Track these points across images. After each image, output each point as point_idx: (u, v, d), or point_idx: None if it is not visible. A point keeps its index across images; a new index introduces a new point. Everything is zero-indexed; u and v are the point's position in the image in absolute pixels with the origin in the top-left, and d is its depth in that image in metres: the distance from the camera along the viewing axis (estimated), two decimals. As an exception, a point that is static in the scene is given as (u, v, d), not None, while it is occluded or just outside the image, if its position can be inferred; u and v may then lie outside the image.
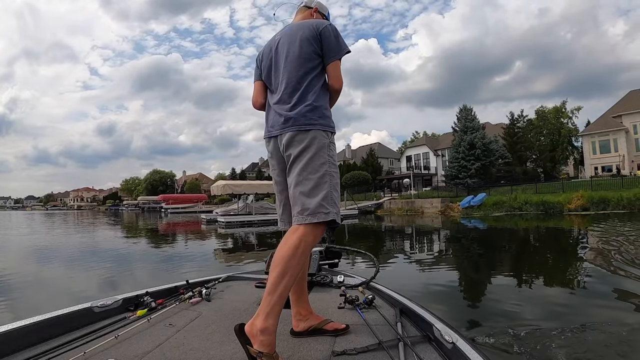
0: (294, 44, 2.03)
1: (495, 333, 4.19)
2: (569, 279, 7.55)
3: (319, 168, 1.86)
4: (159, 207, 67.82)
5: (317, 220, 1.79)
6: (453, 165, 45.88)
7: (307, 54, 2.00)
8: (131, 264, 10.81)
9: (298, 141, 1.89)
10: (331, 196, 1.85)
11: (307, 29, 2.04)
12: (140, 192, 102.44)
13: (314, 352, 1.83)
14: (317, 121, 1.92)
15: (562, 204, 27.25)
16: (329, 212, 1.81)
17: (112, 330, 2.10)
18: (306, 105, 1.93)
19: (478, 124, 46.74)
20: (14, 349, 1.84)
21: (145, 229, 27.16)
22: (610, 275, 7.14)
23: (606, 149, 47.59)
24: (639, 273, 7.02)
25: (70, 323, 2.16)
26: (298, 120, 1.90)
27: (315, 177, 1.84)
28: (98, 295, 4.34)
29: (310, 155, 1.86)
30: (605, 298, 5.77)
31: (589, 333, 4.14)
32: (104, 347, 1.87)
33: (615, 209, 24.97)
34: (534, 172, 48.63)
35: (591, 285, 6.68)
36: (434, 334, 1.86)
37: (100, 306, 2.37)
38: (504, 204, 30.27)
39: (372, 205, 40.64)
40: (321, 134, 1.92)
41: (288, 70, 2.02)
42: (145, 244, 16.95)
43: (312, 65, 2.00)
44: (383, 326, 2.11)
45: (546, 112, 55.37)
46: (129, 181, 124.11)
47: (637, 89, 51.79)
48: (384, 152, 70.80)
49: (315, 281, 3.05)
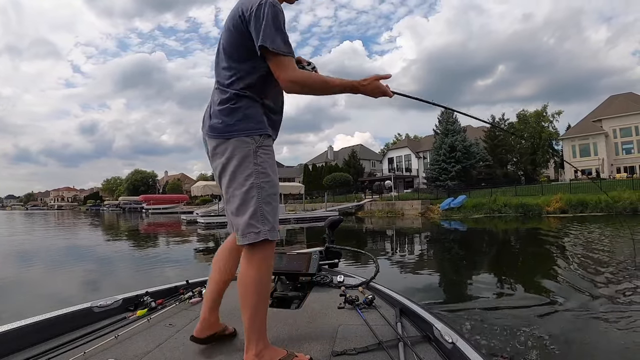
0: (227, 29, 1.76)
1: (490, 332, 4.34)
2: (546, 281, 7.55)
3: (243, 182, 1.66)
4: (139, 207, 68.25)
5: (248, 241, 1.64)
6: (434, 168, 46.11)
7: (235, 41, 1.72)
8: (109, 267, 10.70)
9: (220, 153, 1.71)
10: (261, 212, 1.65)
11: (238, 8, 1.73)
12: (121, 192, 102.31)
13: (314, 352, 1.80)
14: (237, 126, 1.68)
15: (541, 207, 27.56)
16: (260, 232, 1.63)
17: (112, 330, 2.08)
18: (224, 107, 1.71)
19: (459, 126, 47.10)
20: (14, 349, 1.83)
21: (125, 230, 27.05)
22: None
23: (586, 153, 48.51)
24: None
25: (70, 323, 2.15)
26: (215, 128, 1.71)
27: (240, 192, 1.66)
28: (75, 300, 4.12)
29: (232, 169, 1.67)
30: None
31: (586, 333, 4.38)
32: (104, 347, 1.85)
33: (593, 211, 25.27)
34: (514, 175, 49.27)
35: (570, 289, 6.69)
36: (434, 334, 1.86)
37: (100, 306, 2.36)
38: (483, 206, 30.48)
39: (353, 207, 40.48)
40: (243, 141, 1.68)
41: (218, 60, 1.80)
42: (125, 245, 16.85)
43: (238, 55, 1.73)
44: (383, 326, 2.10)
45: (527, 116, 56.03)
46: (110, 181, 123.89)
47: (617, 94, 53.08)
48: (366, 154, 70.84)
49: (315, 281, 3.03)
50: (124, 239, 20.30)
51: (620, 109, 48.25)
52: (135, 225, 31.83)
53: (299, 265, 3.02)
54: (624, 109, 47.93)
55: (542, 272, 8.36)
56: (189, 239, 18.93)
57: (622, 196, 25.11)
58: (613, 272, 7.61)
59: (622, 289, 6.38)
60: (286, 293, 2.85)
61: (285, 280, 3.06)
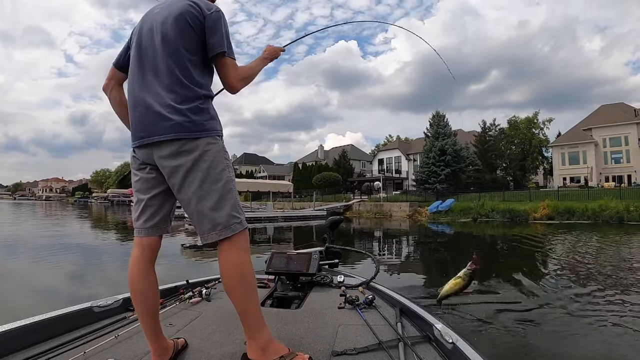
0: (172, 24, 1.70)
1: (489, 332, 4.50)
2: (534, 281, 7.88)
3: (219, 177, 1.67)
4: (128, 200, 67.29)
5: (233, 232, 1.65)
6: (423, 170, 46.33)
7: (193, 36, 1.71)
8: (89, 263, 10.34)
9: (188, 150, 1.63)
10: (237, 203, 1.72)
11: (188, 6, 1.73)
12: (110, 185, 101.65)
13: (314, 352, 1.80)
14: (207, 125, 1.69)
15: (528, 213, 27.44)
16: (241, 221, 1.70)
17: (112, 330, 2.08)
18: (191, 105, 1.66)
19: (450, 130, 47.45)
20: (14, 349, 1.83)
21: (111, 223, 26.78)
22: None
23: (575, 161, 48.86)
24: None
25: (70, 323, 2.14)
26: (183, 126, 1.63)
27: (217, 187, 1.66)
28: (57, 303, 4.01)
29: (206, 165, 1.64)
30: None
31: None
32: (104, 347, 1.85)
33: (580, 219, 25.23)
34: (503, 180, 49.58)
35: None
36: (434, 334, 1.85)
37: (100, 306, 2.35)
38: (471, 211, 30.42)
39: (341, 207, 40.36)
40: (213, 139, 1.70)
41: (164, 57, 1.69)
42: (110, 240, 16.64)
43: (195, 56, 1.73)
44: (383, 326, 2.10)
45: (518, 122, 56.38)
46: (99, 173, 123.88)
47: (608, 104, 53.57)
48: (357, 154, 70.95)
49: (315, 281, 3.04)
50: (110, 233, 20.09)
51: (611, 118, 48.72)
52: (122, 218, 31.50)
53: (299, 265, 3.03)
54: (614, 118, 48.41)
55: (534, 274, 8.62)
56: (175, 234, 18.55)
57: (608, 205, 25.13)
58: (600, 275, 8.12)
59: (612, 291, 6.77)
60: (286, 293, 2.89)
61: (286, 280, 3.09)
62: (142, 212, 1.77)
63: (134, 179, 1.81)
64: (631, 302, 6.01)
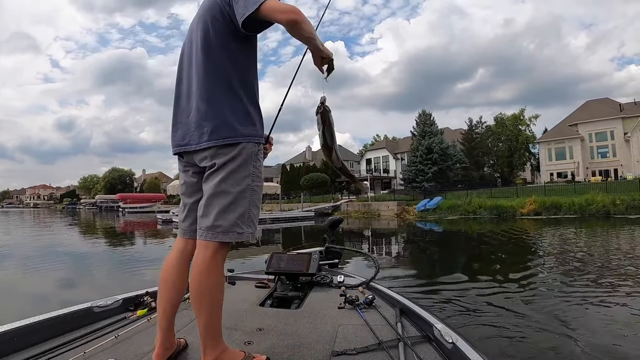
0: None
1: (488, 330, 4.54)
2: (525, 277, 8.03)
3: (240, 182, 1.65)
4: (116, 206, 67.29)
5: (228, 240, 1.64)
6: (410, 169, 46.25)
7: (221, 37, 1.68)
8: (77, 269, 10.40)
9: (222, 154, 1.64)
10: (249, 214, 1.68)
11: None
12: (98, 191, 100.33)
13: (314, 352, 1.80)
14: (245, 131, 1.67)
15: (515, 209, 27.66)
16: (243, 233, 1.65)
17: (112, 330, 2.08)
18: (225, 111, 1.66)
19: (436, 128, 47.38)
20: (14, 349, 1.83)
21: (99, 229, 26.69)
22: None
23: (562, 156, 49.34)
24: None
25: (70, 323, 2.14)
26: (219, 133, 1.64)
27: (235, 191, 1.64)
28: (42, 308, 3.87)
29: (232, 168, 1.64)
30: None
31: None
32: (104, 347, 1.85)
33: (566, 214, 25.39)
34: (490, 177, 49.89)
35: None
36: (434, 334, 1.86)
37: (100, 306, 2.35)
38: (458, 208, 30.62)
39: (329, 208, 40.14)
40: (250, 145, 1.68)
41: (199, 66, 1.70)
42: (99, 246, 16.64)
43: (230, 52, 1.69)
44: (383, 326, 2.10)
45: (505, 119, 56.43)
46: (87, 179, 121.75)
47: (594, 99, 54.45)
48: (345, 155, 70.27)
49: (315, 281, 3.04)
50: (98, 239, 19.89)
51: (596, 113, 49.41)
52: (110, 224, 31.40)
53: (299, 265, 3.02)
54: (599, 114, 49.10)
55: (528, 270, 8.74)
56: (164, 239, 18.61)
57: (595, 199, 25.32)
58: (592, 270, 8.30)
59: (608, 287, 6.84)
60: (286, 293, 2.87)
61: (285, 280, 3.06)
62: (187, 215, 1.82)
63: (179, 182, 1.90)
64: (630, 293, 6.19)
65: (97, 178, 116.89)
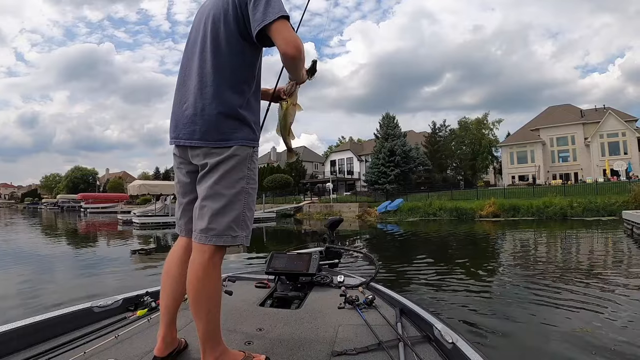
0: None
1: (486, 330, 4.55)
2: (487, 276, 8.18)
3: (234, 184, 1.63)
4: (78, 206, 65.67)
5: (222, 243, 1.61)
6: (373, 171, 46.46)
7: (227, 36, 1.64)
8: (27, 275, 9.32)
9: (214, 154, 1.63)
10: (243, 217, 1.66)
11: None
12: (60, 190, 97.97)
13: (313, 352, 1.80)
14: (240, 133, 1.64)
15: (474, 211, 27.73)
16: (237, 236, 1.63)
17: (112, 330, 2.06)
18: (221, 110, 1.62)
19: (399, 131, 47.78)
20: (14, 349, 1.82)
21: (59, 230, 25.65)
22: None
23: (523, 160, 50.17)
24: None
25: (70, 323, 2.12)
26: (211, 134, 1.62)
27: (229, 193, 1.62)
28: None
29: (226, 168, 1.62)
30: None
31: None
32: (104, 347, 1.84)
33: (525, 216, 25.51)
34: (453, 180, 50.46)
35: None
36: (434, 334, 1.85)
37: (100, 306, 2.32)
38: (419, 210, 30.83)
39: (292, 209, 40.48)
40: (243, 148, 1.66)
41: (201, 60, 1.69)
42: (56, 248, 15.57)
43: (237, 51, 1.65)
44: (383, 326, 2.09)
45: (469, 123, 57.15)
46: (49, 178, 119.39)
47: (556, 105, 56.07)
48: (309, 156, 70.47)
49: (315, 281, 3.00)
50: (55, 240, 18.81)
51: (558, 119, 50.68)
52: (70, 225, 30.33)
53: (299, 265, 2.99)
54: (561, 119, 50.40)
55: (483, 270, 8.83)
56: (123, 240, 18.03)
57: (552, 202, 25.49)
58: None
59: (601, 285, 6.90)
60: (286, 293, 2.82)
61: (285, 280, 3.03)
62: (182, 214, 1.83)
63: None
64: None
65: (59, 177, 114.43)
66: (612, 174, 40.07)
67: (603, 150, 45.19)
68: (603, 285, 6.80)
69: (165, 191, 28.60)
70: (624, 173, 39.31)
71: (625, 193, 24.62)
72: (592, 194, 26.79)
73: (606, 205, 23.79)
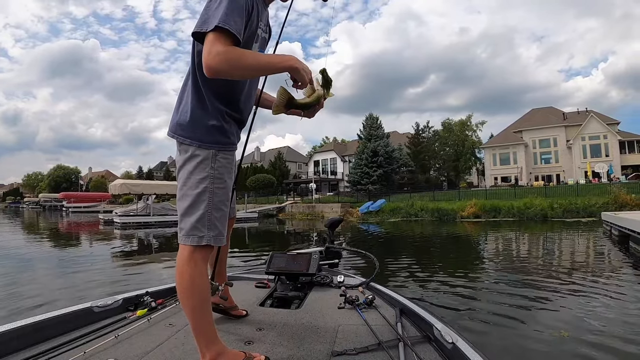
0: None
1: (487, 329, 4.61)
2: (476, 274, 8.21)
3: (197, 184, 1.63)
4: (60, 205, 65.36)
5: (189, 243, 1.61)
6: (356, 172, 46.41)
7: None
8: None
9: (183, 150, 1.68)
10: (208, 217, 1.64)
11: None
12: (43, 189, 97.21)
13: (314, 352, 1.80)
14: (195, 135, 1.64)
15: (455, 211, 27.64)
16: (204, 236, 1.62)
17: (112, 330, 2.06)
18: (184, 112, 1.67)
19: (383, 132, 47.75)
20: (14, 349, 1.82)
21: (40, 229, 25.10)
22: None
23: (506, 161, 50.68)
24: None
25: (70, 323, 2.11)
26: (177, 130, 1.67)
27: (193, 193, 1.63)
28: None
29: (190, 168, 1.64)
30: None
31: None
32: (104, 347, 1.85)
33: (505, 216, 25.46)
34: (436, 181, 50.71)
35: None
36: (434, 334, 1.86)
37: (100, 306, 2.32)
38: (401, 210, 30.67)
39: (274, 209, 40.36)
40: (208, 151, 1.66)
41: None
42: (33, 247, 15.06)
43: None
44: (383, 326, 2.08)
45: (452, 124, 57.25)
46: (31, 176, 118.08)
47: (539, 108, 56.85)
48: (293, 156, 70.40)
49: (315, 281, 2.98)
50: (34, 240, 18.34)
51: (541, 121, 51.28)
52: (51, 224, 29.74)
53: (299, 265, 2.96)
54: (543, 121, 50.99)
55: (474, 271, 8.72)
56: (104, 241, 17.59)
57: (533, 203, 25.50)
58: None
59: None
60: (286, 293, 2.77)
61: (285, 280, 3.00)
62: None
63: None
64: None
65: (42, 175, 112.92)
66: (593, 176, 40.32)
67: (585, 152, 45.79)
68: (596, 285, 6.69)
69: (147, 191, 28.14)
70: (605, 175, 39.57)
71: (606, 195, 24.68)
72: (573, 196, 26.90)
73: (586, 206, 23.84)
